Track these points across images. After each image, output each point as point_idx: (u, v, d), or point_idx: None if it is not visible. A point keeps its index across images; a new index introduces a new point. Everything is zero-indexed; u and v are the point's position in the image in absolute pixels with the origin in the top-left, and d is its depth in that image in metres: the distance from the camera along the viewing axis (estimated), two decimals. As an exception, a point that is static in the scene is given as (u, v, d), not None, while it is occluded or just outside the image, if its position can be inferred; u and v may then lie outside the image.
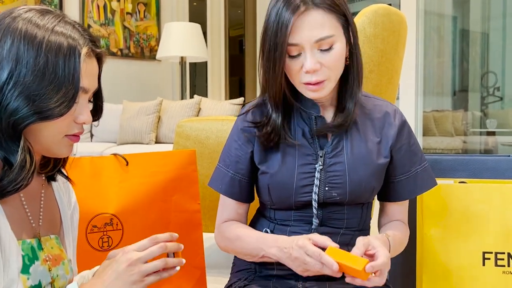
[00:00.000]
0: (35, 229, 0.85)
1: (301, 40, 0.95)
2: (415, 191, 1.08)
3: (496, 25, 4.73)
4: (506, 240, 1.22)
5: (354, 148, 1.03)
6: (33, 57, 0.74)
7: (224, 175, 1.10)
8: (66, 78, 0.76)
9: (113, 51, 5.01)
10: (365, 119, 1.06)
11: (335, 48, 0.96)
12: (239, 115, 1.11)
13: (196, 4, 5.93)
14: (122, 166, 1.36)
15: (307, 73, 0.96)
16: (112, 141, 4.27)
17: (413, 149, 1.08)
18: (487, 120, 4.63)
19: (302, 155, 1.03)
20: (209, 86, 5.48)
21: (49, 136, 0.79)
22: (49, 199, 0.90)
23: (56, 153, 0.83)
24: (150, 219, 1.37)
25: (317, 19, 0.95)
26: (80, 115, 0.81)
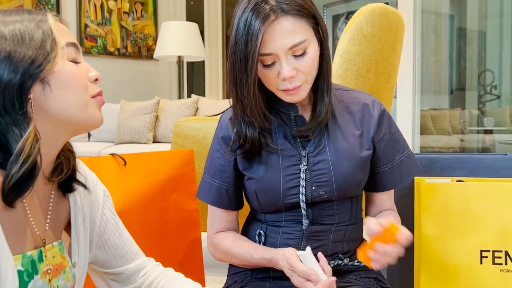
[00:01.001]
0: (40, 237, 0.82)
1: (274, 49, 0.93)
2: (401, 179, 1.09)
3: (493, 24, 4.74)
4: (503, 238, 1.22)
5: (336, 144, 1.03)
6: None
7: (210, 185, 1.09)
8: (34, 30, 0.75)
9: (110, 51, 5.01)
10: (344, 113, 1.06)
11: (309, 52, 0.95)
12: (218, 123, 1.10)
13: (193, 3, 5.93)
14: (120, 166, 1.36)
15: (283, 81, 0.95)
16: (110, 141, 4.27)
17: (395, 137, 1.08)
18: (485, 118, 4.64)
19: (285, 157, 1.03)
20: (207, 85, 5.48)
21: (78, 97, 0.78)
22: (58, 202, 0.88)
23: (90, 117, 0.81)
24: (148, 218, 1.37)
25: (288, 26, 0.92)
26: (89, 72, 0.81)
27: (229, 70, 0.97)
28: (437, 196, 1.27)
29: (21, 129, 0.72)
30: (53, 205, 0.86)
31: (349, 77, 1.60)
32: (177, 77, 4.80)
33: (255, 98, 0.96)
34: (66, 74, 0.77)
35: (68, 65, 0.78)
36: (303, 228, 1.04)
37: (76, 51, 0.81)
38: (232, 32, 0.96)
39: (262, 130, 1.02)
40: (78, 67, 0.81)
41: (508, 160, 1.37)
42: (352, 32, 1.60)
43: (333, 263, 1.06)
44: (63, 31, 0.80)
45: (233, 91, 0.98)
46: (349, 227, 1.07)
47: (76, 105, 0.79)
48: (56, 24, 0.79)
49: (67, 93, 0.77)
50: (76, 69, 0.80)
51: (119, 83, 5.02)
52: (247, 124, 1.01)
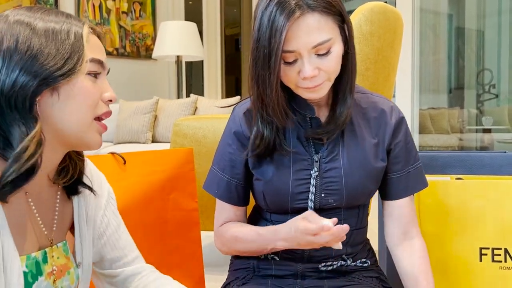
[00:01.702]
0: (47, 237, 0.82)
1: (298, 47, 0.89)
2: (406, 190, 1.04)
3: (491, 23, 4.74)
4: (502, 235, 1.23)
5: (350, 152, 1.00)
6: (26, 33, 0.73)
7: (220, 180, 1.07)
8: (65, 39, 0.75)
9: (109, 51, 5.00)
10: (361, 119, 1.03)
11: (333, 52, 0.91)
12: (230, 115, 1.08)
13: (191, 3, 5.92)
14: (120, 165, 1.36)
15: (304, 80, 0.92)
16: (109, 141, 4.27)
17: (409, 147, 1.04)
18: (483, 117, 4.64)
19: (297, 160, 1.00)
20: (206, 85, 5.48)
21: (80, 114, 0.77)
22: (64, 203, 0.87)
23: (87, 140, 0.80)
24: (147, 217, 1.37)
25: (314, 24, 0.89)
26: (105, 92, 0.81)
27: (251, 66, 0.94)
28: (436, 194, 1.27)
29: (27, 128, 0.72)
30: (60, 206, 0.86)
31: (348, 75, 1.60)
32: (175, 77, 4.80)
33: (277, 96, 0.93)
34: (79, 88, 0.77)
35: (84, 80, 0.77)
36: None
37: (99, 67, 0.80)
38: (254, 27, 0.92)
39: (277, 130, 0.99)
40: (95, 83, 0.80)
41: (507, 158, 1.37)
42: (351, 30, 1.60)
43: (336, 264, 1.05)
44: (94, 46, 0.80)
45: (254, 88, 0.95)
46: (354, 231, 1.05)
47: (77, 122, 0.78)
48: (89, 37, 0.78)
49: (72, 106, 0.76)
50: (91, 85, 0.78)
51: (117, 83, 5.02)
52: (265, 123, 0.98)
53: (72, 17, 0.79)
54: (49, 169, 0.81)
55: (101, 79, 0.81)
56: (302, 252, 1.03)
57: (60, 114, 0.76)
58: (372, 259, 1.12)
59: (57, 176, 0.84)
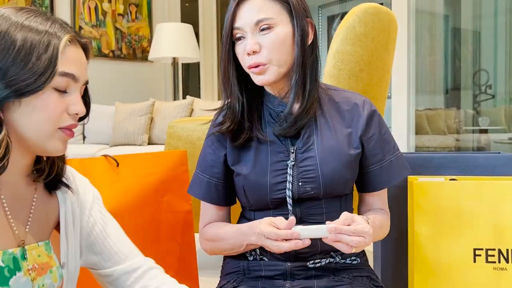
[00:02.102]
0: (19, 236, 0.82)
1: (242, 23, 1.01)
2: (389, 180, 1.09)
3: (487, 23, 4.75)
4: (496, 236, 1.22)
5: (324, 141, 1.04)
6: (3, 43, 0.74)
7: (200, 181, 1.12)
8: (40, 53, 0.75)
9: (105, 53, 5.00)
10: (334, 112, 1.08)
11: (275, 31, 1.00)
12: (211, 121, 1.14)
13: (188, 5, 5.92)
14: (113, 167, 1.35)
15: (248, 56, 1.00)
16: (105, 143, 4.26)
17: (385, 138, 1.08)
18: (480, 118, 4.65)
19: (274, 153, 1.05)
20: (202, 86, 5.47)
21: (40, 126, 0.77)
22: (45, 203, 0.88)
23: (50, 148, 0.80)
24: (141, 220, 1.36)
25: (257, 4, 1.00)
26: (72, 105, 0.80)
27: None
28: (430, 195, 1.27)
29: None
30: (37, 205, 0.86)
31: (342, 77, 1.60)
32: (172, 79, 4.79)
33: (227, 69, 1.05)
34: (42, 101, 0.77)
35: (50, 94, 0.77)
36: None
37: (69, 81, 0.79)
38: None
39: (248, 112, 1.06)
40: (62, 97, 0.79)
41: (501, 159, 1.37)
42: (345, 32, 1.60)
43: (324, 261, 1.06)
44: (70, 59, 0.79)
45: (221, 68, 1.07)
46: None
47: (36, 131, 0.78)
48: (66, 49, 0.78)
49: (32, 117, 0.77)
50: (55, 100, 0.78)
51: (113, 85, 5.01)
52: (235, 98, 1.07)
53: (57, 26, 0.79)
54: (20, 171, 0.83)
55: (71, 91, 0.80)
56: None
57: (21, 121, 0.77)
58: (363, 258, 1.12)
59: (35, 175, 0.86)
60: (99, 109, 4.35)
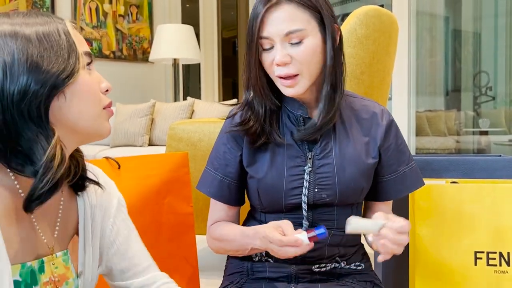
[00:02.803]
0: (47, 245, 0.80)
1: (271, 33, 0.97)
2: (402, 190, 1.08)
3: (488, 25, 4.75)
4: (497, 239, 1.23)
5: (342, 149, 1.03)
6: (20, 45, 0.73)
7: (213, 178, 1.10)
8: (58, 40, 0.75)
9: (106, 54, 5.00)
10: (353, 120, 1.07)
11: (305, 42, 0.97)
12: (226, 118, 1.11)
13: (188, 6, 5.92)
14: (114, 169, 1.35)
15: (278, 66, 0.98)
16: (105, 144, 4.26)
17: (401, 149, 1.08)
18: (480, 119, 4.65)
19: (291, 157, 1.03)
20: (202, 87, 5.47)
21: (91, 108, 0.78)
22: (68, 209, 0.85)
23: (102, 130, 0.81)
24: (143, 222, 1.36)
25: (287, 13, 0.96)
26: (101, 83, 0.81)
27: (244, 54, 1.04)
28: (431, 198, 1.27)
29: (46, 137, 0.72)
30: (64, 210, 0.84)
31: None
32: (172, 80, 4.79)
33: (257, 77, 1.01)
34: (82, 85, 0.77)
35: (84, 76, 0.78)
36: (303, 229, 1.03)
37: (89, 58, 0.80)
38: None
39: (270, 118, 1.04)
40: (91, 73, 0.80)
41: (502, 162, 1.37)
42: (346, 34, 1.60)
43: (329, 265, 1.06)
44: (80, 39, 0.80)
45: (245, 72, 1.04)
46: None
47: (88, 116, 0.78)
48: (73, 31, 0.79)
49: (81, 104, 0.77)
50: (90, 79, 0.79)
51: (114, 86, 4.95)
52: (258, 102, 1.04)
53: (51, 16, 0.79)
54: None
55: (93, 70, 0.81)
56: None
57: (70, 114, 0.76)
58: (367, 263, 1.12)
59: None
60: (99, 110, 4.35)
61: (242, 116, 1.07)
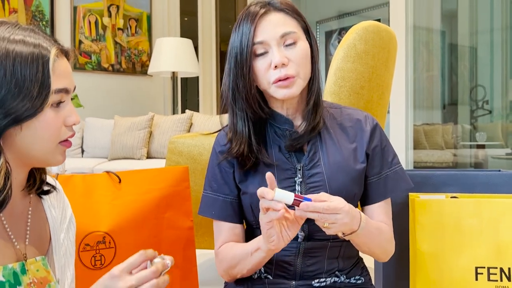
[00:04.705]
0: (20, 251, 0.83)
1: (266, 37, 0.99)
2: (385, 194, 1.08)
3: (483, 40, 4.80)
4: (498, 255, 1.23)
5: (330, 157, 1.05)
6: None
7: (214, 200, 1.09)
8: (32, 78, 0.75)
9: (104, 67, 5.01)
10: (338, 129, 1.08)
11: (299, 44, 1.01)
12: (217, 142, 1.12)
13: (187, 19, 5.96)
14: (115, 183, 1.35)
15: (275, 69, 0.99)
16: (103, 157, 4.25)
17: (385, 151, 1.09)
18: (477, 133, 4.67)
19: (281, 171, 1.04)
20: (201, 100, 5.49)
21: (44, 144, 0.79)
22: (38, 218, 0.89)
23: (52, 161, 0.82)
24: (143, 236, 1.36)
25: (280, 18, 1.01)
26: (68, 116, 0.82)
27: (225, 73, 1.04)
28: (431, 213, 1.27)
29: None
30: (33, 219, 0.87)
31: (343, 94, 1.61)
32: (171, 93, 4.81)
33: (250, 85, 1.01)
34: (42, 122, 0.78)
35: (47, 114, 0.78)
36: (299, 240, 1.03)
37: (63, 95, 0.80)
38: (229, 44, 1.04)
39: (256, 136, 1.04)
40: (58, 111, 0.80)
41: (502, 177, 1.38)
42: (346, 49, 1.61)
43: (329, 280, 1.05)
44: (61, 72, 0.80)
45: (229, 89, 1.03)
46: (344, 243, 1.07)
47: (40, 150, 0.80)
48: (56, 63, 0.78)
49: (35, 138, 0.78)
50: (53, 117, 0.79)
51: (113, 99, 5.02)
52: (242, 120, 1.04)
53: (39, 39, 0.78)
54: (17, 186, 0.83)
55: (65, 104, 0.82)
56: (295, 268, 1.04)
57: (24, 143, 0.78)
58: (367, 277, 1.12)
59: (28, 188, 0.87)
60: (98, 123, 4.36)
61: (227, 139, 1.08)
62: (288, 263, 1.05)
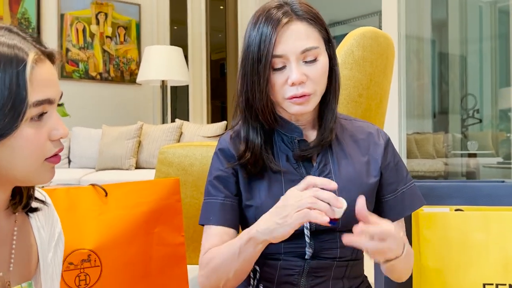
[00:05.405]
0: (4, 278, 0.75)
1: (286, 51, 0.93)
2: (402, 212, 1.04)
3: (473, 49, 4.81)
4: (506, 270, 1.17)
5: (342, 170, 0.99)
6: None
7: (213, 205, 1.02)
8: (3, 90, 0.65)
9: (92, 75, 4.92)
10: (349, 141, 1.03)
11: (319, 61, 0.95)
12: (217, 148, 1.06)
13: (176, 28, 5.91)
14: (101, 197, 1.28)
15: (292, 86, 0.93)
16: (91, 167, 4.16)
17: (399, 167, 1.04)
18: (468, 142, 4.66)
19: (288, 182, 0.98)
20: (191, 109, 5.42)
21: (26, 162, 0.70)
22: (24, 239, 0.80)
23: (39, 180, 0.73)
24: (131, 254, 1.28)
25: (302, 30, 0.94)
26: (54, 130, 0.72)
27: (240, 76, 0.97)
28: (436, 226, 1.22)
29: None
30: (18, 241, 0.79)
31: (341, 101, 1.55)
32: (160, 102, 4.73)
33: (267, 99, 0.95)
34: (20, 139, 0.68)
35: (25, 130, 0.68)
36: (306, 258, 0.97)
37: (45, 106, 0.70)
38: (245, 39, 0.97)
39: (265, 144, 1.00)
40: (39, 126, 0.70)
41: (507, 188, 1.33)
42: (343, 56, 1.56)
43: None
44: (40, 81, 0.69)
45: (243, 96, 0.98)
46: (350, 262, 1.01)
47: (22, 169, 0.70)
48: (34, 71, 0.68)
49: (14, 157, 0.69)
50: (33, 133, 0.69)
51: (101, 108, 4.93)
52: (254, 130, 1.00)
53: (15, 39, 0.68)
54: (0, 208, 0.75)
55: (48, 115, 0.72)
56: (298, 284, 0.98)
57: (3, 163, 0.69)
58: None
59: (13, 206, 0.78)
60: (85, 133, 4.26)
61: (235, 145, 1.02)
62: (292, 283, 0.99)
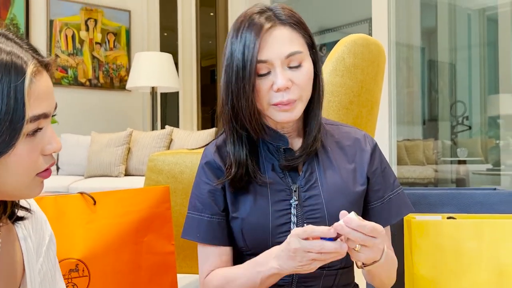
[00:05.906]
0: None
1: (271, 56, 0.91)
2: (389, 219, 1.02)
3: (462, 56, 4.85)
4: (499, 279, 1.16)
5: (328, 178, 0.97)
6: None
7: (199, 222, 1.00)
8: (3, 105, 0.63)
9: (81, 81, 4.89)
10: (335, 148, 1.01)
11: (304, 66, 0.94)
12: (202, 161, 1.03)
13: (166, 34, 5.89)
14: (90, 205, 1.25)
15: (278, 92, 0.92)
16: (80, 174, 4.11)
17: (386, 173, 1.03)
18: (458, 149, 4.68)
19: (274, 192, 0.96)
20: (181, 116, 5.39)
21: (18, 178, 0.68)
22: (9, 250, 0.78)
23: (27, 195, 0.71)
24: (120, 263, 1.26)
25: (286, 35, 0.92)
26: (47, 144, 0.70)
27: (224, 84, 0.95)
28: (428, 234, 1.20)
29: None
30: (2, 254, 0.76)
31: (332, 109, 1.55)
32: (150, 108, 4.70)
33: (253, 106, 0.93)
34: (13, 157, 0.66)
35: (19, 147, 0.66)
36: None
37: (41, 121, 0.68)
38: (227, 46, 0.94)
39: (251, 155, 0.97)
40: (33, 141, 0.68)
41: (498, 195, 1.32)
42: (334, 63, 1.56)
43: None
44: (38, 94, 0.66)
45: (228, 105, 0.95)
46: (340, 271, 1.00)
47: (13, 185, 0.69)
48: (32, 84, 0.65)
49: (8, 172, 0.67)
50: (27, 149, 0.67)
51: (90, 114, 4.89)
52: (239, 143, 0.97)
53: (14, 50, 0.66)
54: None
55: (43, 130, 0.70)
56: None
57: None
58: None
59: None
60: (74, 139, 4.22)
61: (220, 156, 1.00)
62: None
